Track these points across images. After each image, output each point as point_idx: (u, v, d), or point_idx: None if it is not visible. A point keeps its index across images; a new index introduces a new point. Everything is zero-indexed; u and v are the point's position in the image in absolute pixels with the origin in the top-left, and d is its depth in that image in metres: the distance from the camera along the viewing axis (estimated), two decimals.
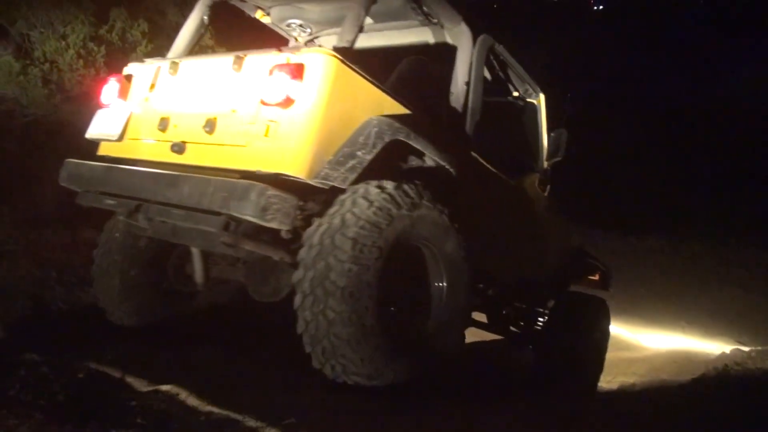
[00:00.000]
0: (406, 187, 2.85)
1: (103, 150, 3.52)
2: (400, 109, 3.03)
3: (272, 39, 4.71)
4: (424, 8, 3.67)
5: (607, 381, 5.73)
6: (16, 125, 6.02)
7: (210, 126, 2.89)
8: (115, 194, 3.10)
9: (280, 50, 2.81)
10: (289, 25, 4.43)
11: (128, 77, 3.55)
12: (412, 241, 2.96)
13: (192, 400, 2.54)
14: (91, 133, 3.54)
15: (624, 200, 12.93)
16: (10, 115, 5.97)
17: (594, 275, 5.51)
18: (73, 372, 2.72)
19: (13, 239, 5.11)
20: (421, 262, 3.09)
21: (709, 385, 5.59)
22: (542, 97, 4.78)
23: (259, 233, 2.74)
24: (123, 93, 3.49)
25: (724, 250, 12.14)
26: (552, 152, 4.68)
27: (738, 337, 9.10)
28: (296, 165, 2.57)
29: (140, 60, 3.65)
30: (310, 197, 2.74)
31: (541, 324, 4.94)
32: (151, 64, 3.47)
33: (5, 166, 5.73)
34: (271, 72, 2.67)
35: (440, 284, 3.13)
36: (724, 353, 7.25)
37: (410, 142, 2.94)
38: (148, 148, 3.21)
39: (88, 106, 6.31)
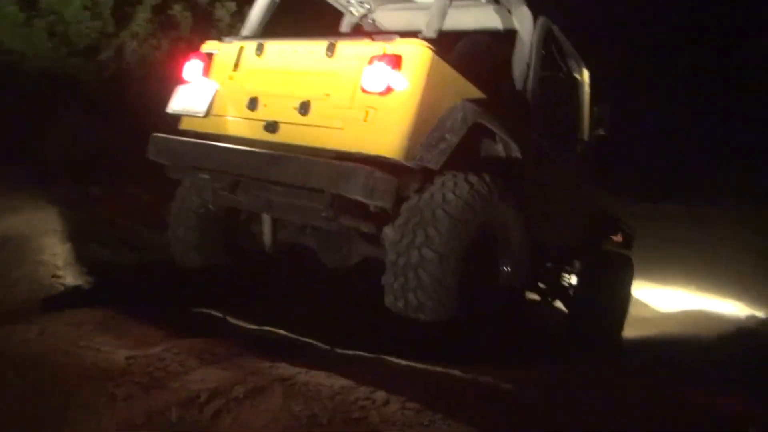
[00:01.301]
0: (487, 178, 3.14)
1: (187, 125, 3.75)
2: (479, 95, 3.27)
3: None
4: None
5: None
6: (21, 78, 5.97)
7: (304, 108, 3.12)
8: (210, 169, 3.36)
9: (372, 39, 3.02)
10: (348, 1, 4.62)
11: (209, 55, 3.77)
12: (489, 226, 3.27)
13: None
14: (173, 108, 3.76)
15: (639, 166, 13.14)
16: (14, 67, 5.92)
17: (618, 236, 5.86)
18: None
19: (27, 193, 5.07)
20: (494, 243, 3.40)
21: (716, 348, 5.99)
22: (586, 72, 5.00)
23: (353, 208, 3.01)
24: (206, 71, 3.71)
25: (740, 216, 12.43)
26: (596, 125, 4.96)
27: (751, 303, 9.46)
28: (395, 148, 2.83)
29: (218, 41, 3.84)
30: (406, 178, 3.01)
31: (570, 281, 5.30)
32: (234, 44, 3.67)
33: (10, 119, 5.73)
34: (370, 62, 2.90)
35: (507, 261, 3.47)
36: (738, 319, 7.64)
37: (489, 126, 3.20)
38: (238, 125, 3.44)
39: (95, 60, 6.34)
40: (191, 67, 3.74)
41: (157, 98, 4.13)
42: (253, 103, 3.38)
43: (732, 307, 9.83)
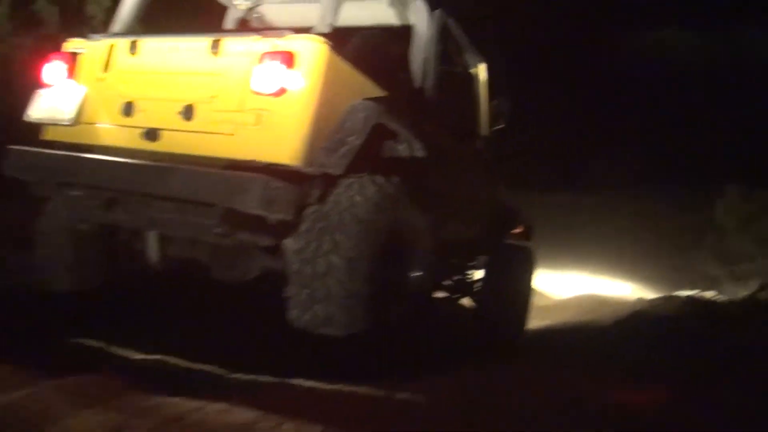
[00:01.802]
0: (393, 180, 2.98)
1: (51, 134, 3.31)
2: (379, 92, 3.11)
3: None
4: None
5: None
6: None
7: (188, 112, 2.82)
8: (82, 185, 2.97)
9: (262, 35, 2.78)
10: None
11: (73, 55, 3.35)
12: (397, 229, 3.12)
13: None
14: (33, 115, 3.30)
15: (528, 159, 13.71)
16: None
17: (518, 228, 5.99)
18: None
19: None
20: (402, 241, 3.25)
21: (616, 332, 6.32)
22: (483, 66, 5.02)
23: (249, 221, 2.76)
24: (71, 72, 3.29)
25: (619, 201, 13.31)
26: (494, 119, 4.99)
27: (637, 283, 10.12)
28: (293, 154, 2.60)
29: (83, 36, 3.44)
30: (306, 185, 2.79)
31: (477, 277, 5.32)
32: (102, 42, 3.28)
33: None
34: (260, 59, 2.64)
35: (416, 264, 3.34)
36: (628, 302, 8.11)
37: (392, 126, 3.05)
38: (112, 133, 3.07)
39: None
40: (53, 69, 3.31)
41: (19, 104, 3.66)
42: (128, 108, 3.02)
43: (620, 289, 10.46)
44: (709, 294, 8.77)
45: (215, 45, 2.85)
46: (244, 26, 4.61)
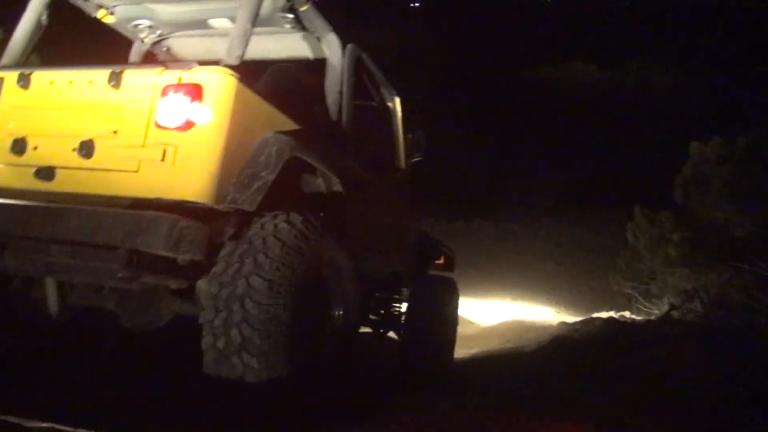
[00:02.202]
0: (311, 217, 2.91)
1: None
2: (291, 125, 3.07)
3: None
4: (297, 17, 3.69)
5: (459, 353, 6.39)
6: None
7: (86, 149, 2.66)
8: None
9: (166, 66, 2.68)
10: (136, 26, 4.18)
11: None
12: (317, 267, 3.04)
13: None
14: None
15: (449, 189, 14.02)
16: None
17: (440, 259, 6.05)
18: None
19: None
20: (321, 279, 3.18)
21: (537, 358, 6.47)
22: (398, 100, 5.09)
23: (156, 263, 2.61)
24: None
25: (537, 228, 13.82)
26: (411, 152, 5.07)
27: (559, 307, 10.43)
28: (202, 191, 2.49)
29: None
30: (217, 223, 2.68)
31: (400, 309, 5.30)
32: None
33: None
34: (164, 92, 2.54)
35: (338, 301, 3.27)
36: (551, 326, 8.33)
37: (306, 159, 3.00)
38: (5, 174, 2.85)
39: None
40: None
41: None
42: (19, 145, 2.81)
43: (543, 313, 10.75)
44: (626, 314, 9.18)
45: (115, 77, 2.71)
46: (151, 59, 4.48)
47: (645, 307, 9.17)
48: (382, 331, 5.27)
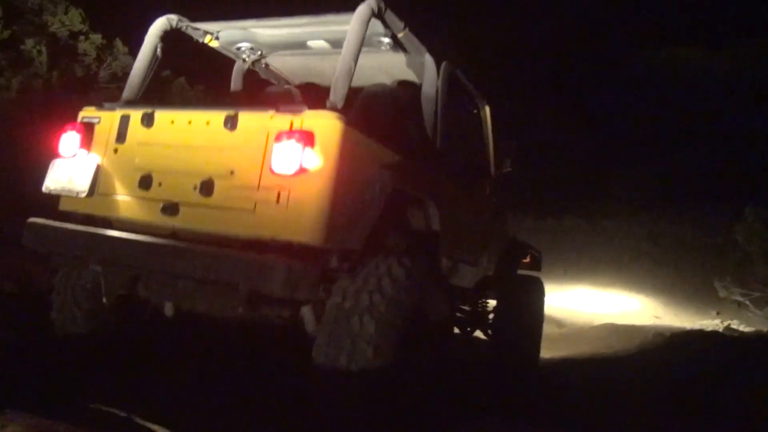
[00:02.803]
0: (417, 255, 3.11)
1: (68, 205, 3.45)
2: (393, 155, 3.24)
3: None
4: (396, 41, 3.83)
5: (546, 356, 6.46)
6: None
7: (206, 188, 2.94)
8: (103, 262, 3.09)
9: (277, 110, 2.90)
10: (238, 48, 4.49)
11: (88, 125, 3.50)
12: (419, 297, 3.23)
13: None
14: (49, 186, 3.45)
15: (540, 185, 13.84)
16: None
17: (527, 258, 6.14)
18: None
19: None
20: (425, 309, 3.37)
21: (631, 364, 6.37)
22: (488, 108, 5.19)
23: (272, 299, 2.86)
24: (86, 143, 3.43)
25: (635, 225, 13.41)
26: (502, 161, 5.18)
27: (654, 311, 10.13)
28: (314, 233, 2.69)
29: (98, 105, 3.59)
30: (327, 261, 2.90)
31: (488, 309, 5.46)
32: (117, 113, 3.42)
33: None
34: (278, 138, 2.75)
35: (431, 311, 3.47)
36: (646, 333, 8.14)
37: (408, 191, 3.19)
38: (131, 206, 3.19)
39: None
40: (68, 140, 3.46)
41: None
42: (145, 181, 3.15)
43: (640, 316, 10.47)
44: (734, 323, 8.81)
45: (230, 120, 2.97)
46: (254, 78, 4.79)
47: (755, 316, 8.79)
48: (469, 329, 5.46)
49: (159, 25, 3.97)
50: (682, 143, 13.64)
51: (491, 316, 5.38)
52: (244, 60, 4.69)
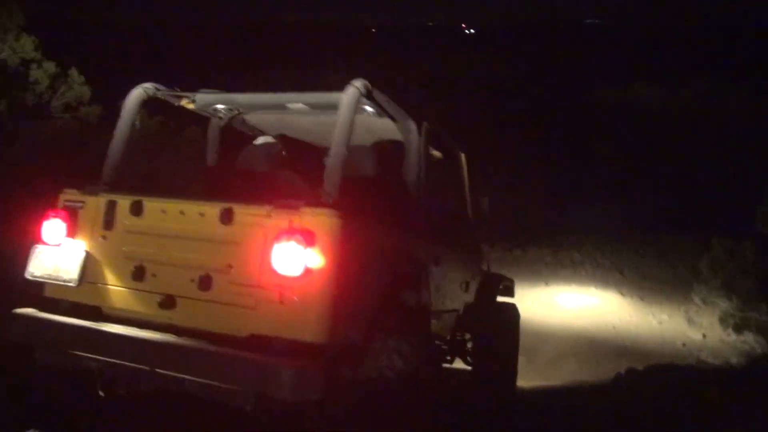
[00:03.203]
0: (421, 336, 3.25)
1: (54, 292, 3.40)
2: (387, 235, 3.37)
3: None
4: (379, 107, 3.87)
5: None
6: None
7: (204, 283, 2.95)
8: (102, 359, 3.06)
9: (276, 207, 2.92)
10: (215, 109, 4.52)
11: (71, 210, 3.47)
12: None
13: None
14: (33, 273, 3.40)
15: (506, 218, 14.13)
16: None
17: (500, 287, 6.38)
18: None
19: None
20: None
21: None
22: (463, 156, 5.39)
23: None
24: (70, 230, 3.40)
25: (599, 257, 13.85)
26: (476, 216, 5.39)
27: (624, 356, 10.38)
28: (318, 332, 2.73)
29: (80, 190, 3.54)
30: (332, 358, 2.94)
31: (465, 339, 5.63)
32: (102, 198, 3.40)
33: None
34: (278, 238, 2.78)
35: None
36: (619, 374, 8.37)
37: (408, 270, 3.33)
38: (123, 297, 3.17)
39: None
40: (51, 227, 3.42)
41: None
42: (139, 272, 3.13)
43: (607, 348, 10.64)
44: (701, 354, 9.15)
45: (226, 214, 2.99)
46: (227, 135, 4.81)
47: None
48: (449, 358, 5.57)
49: (135, 96, 3.93)
50: (646, 177, 14.16)
51: (469, 345, 5.57)
52: (219, 118, 4.71)
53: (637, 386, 7.20)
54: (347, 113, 3.24)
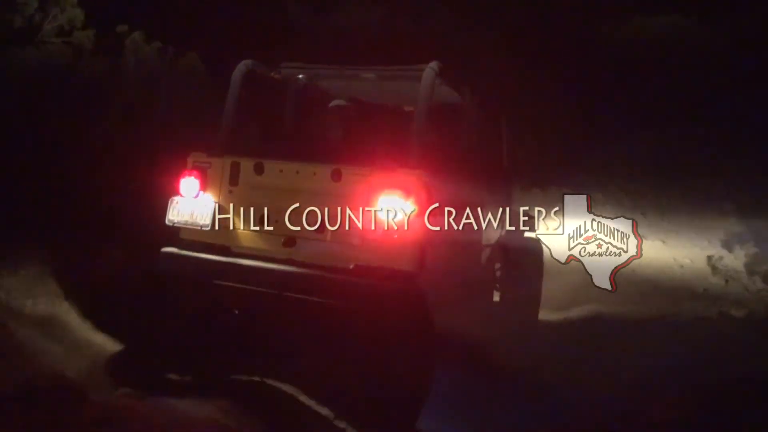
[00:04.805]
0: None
1: (190, 235, 4.54)
2: (461, 185, 4.48)
3: None
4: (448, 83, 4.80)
5: None
6: None
7: (319, 225, 4.10)
8: (241, 288, 4.27)
9: (373, 168, 4.08)
10: (297, 78, 5.61)
11: (201, 169, 4.63)
12: None
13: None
14: (173, 220, 4.57)
15: (527, 159, 15.02)
16: None
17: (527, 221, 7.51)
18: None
19: None
20: None
21: None
22: (503, 116, 6.53)
23: None
24: (201, 184, 4.55)
25: (621, 197, 14.85)
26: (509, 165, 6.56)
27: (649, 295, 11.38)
28: (413, 263, 3.93)
29: (205, 153, 4.67)
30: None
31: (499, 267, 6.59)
32: (226, 160, 4.53)
33: None
34: (380, 191, 3.93)
35: None
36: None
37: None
38: (251, 239, 4.34)
39: None
40: (185, 183, 4.56)
41: None
42: (263, 219, 4.29)
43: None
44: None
45: (336, 174, 4.15)
46: (306, 94, 5.89)
47: None
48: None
49: (240, 70, 4.97)
50: (677, 115, 14.79)
51: (498, 274, 6.52)
52: (297, 83, 5.78)
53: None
54: (426, 92, 4.32)
